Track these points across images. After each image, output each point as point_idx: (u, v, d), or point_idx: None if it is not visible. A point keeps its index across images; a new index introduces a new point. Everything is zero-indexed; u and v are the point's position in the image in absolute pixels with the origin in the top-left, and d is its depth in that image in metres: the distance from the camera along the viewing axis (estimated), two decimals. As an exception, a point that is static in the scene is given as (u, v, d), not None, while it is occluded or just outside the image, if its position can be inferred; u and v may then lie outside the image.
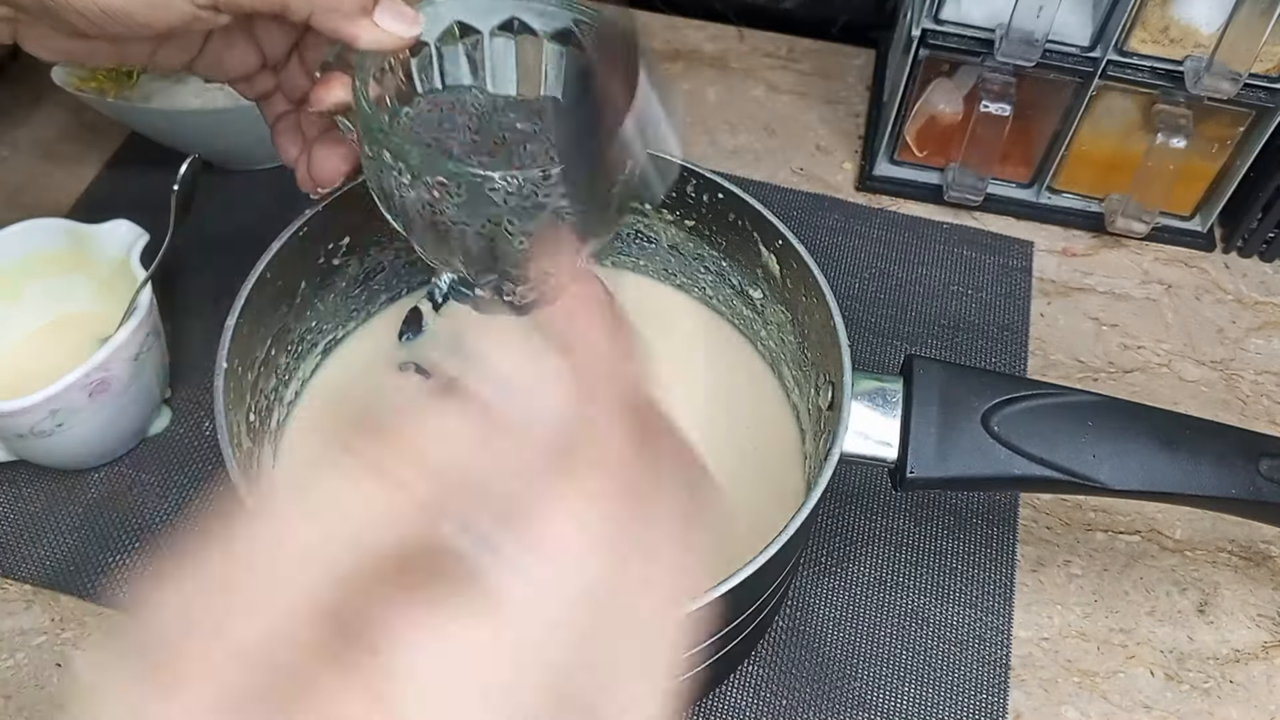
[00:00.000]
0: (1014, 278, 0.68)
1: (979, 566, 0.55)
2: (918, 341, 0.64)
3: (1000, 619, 0.53)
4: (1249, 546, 0.56)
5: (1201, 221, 0.70)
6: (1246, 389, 0.63)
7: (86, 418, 0.52)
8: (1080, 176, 0.69)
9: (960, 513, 0.57)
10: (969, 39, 0.63)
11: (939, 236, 0.70)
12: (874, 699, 0.50)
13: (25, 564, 0.53)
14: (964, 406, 0.45)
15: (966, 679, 0.51)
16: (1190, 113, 0.63)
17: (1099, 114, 0.66)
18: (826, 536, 0.55)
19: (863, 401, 0.45)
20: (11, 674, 0.50)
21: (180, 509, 0.55)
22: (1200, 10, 0.60)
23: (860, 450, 0.45)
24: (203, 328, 0.61)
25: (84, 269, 0.58)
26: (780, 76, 0.79)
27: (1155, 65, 0.62)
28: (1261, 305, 0.67)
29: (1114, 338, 0.65)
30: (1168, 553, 0.56)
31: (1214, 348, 0.65)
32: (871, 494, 0.57)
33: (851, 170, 0.73)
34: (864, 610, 0.53)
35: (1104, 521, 0.57)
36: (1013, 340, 0.64)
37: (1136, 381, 0.63)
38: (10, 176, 0.70)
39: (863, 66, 0.80)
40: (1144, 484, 0.45)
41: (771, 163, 0.73)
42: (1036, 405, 0.45)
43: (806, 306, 0.50)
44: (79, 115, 0.73)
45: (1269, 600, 0.55)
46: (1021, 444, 0.44)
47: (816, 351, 0.50)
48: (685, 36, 0.81)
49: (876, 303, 0.66)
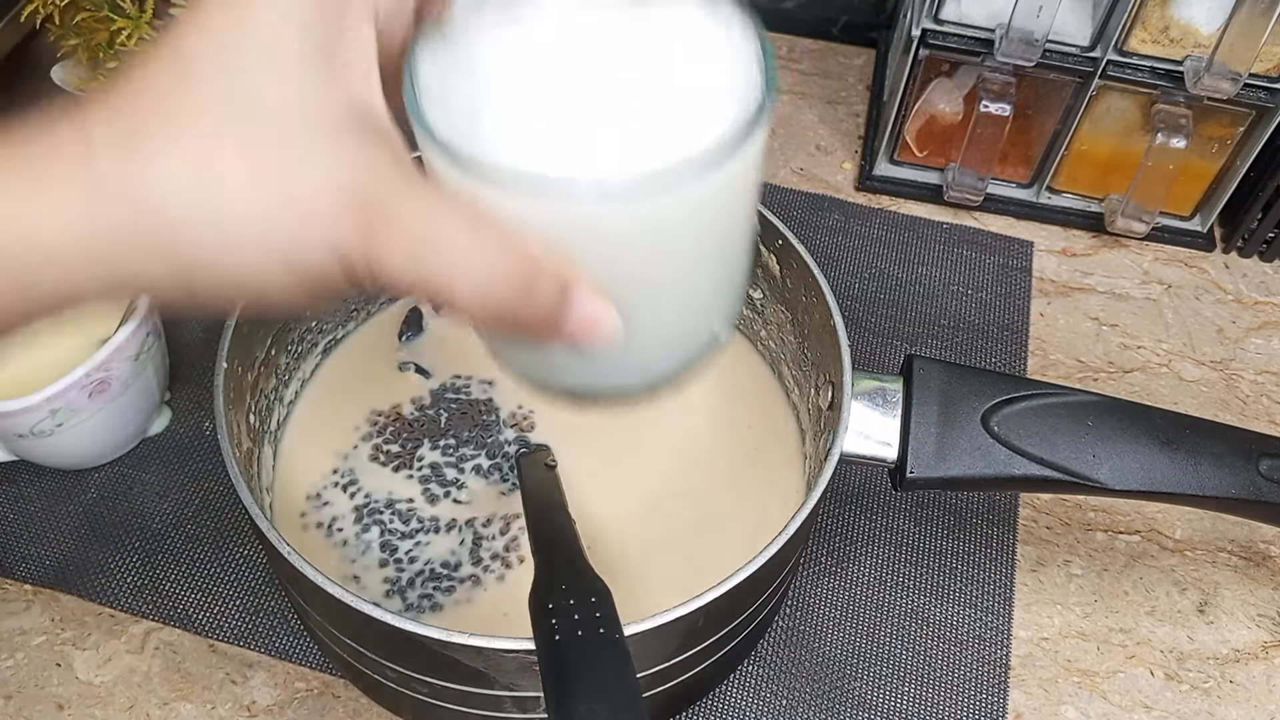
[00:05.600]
0: (1014, 278, 0.68)
1: (979, 566, 0.55)
2: (918, 341, 0.64)
3: (1000, 619, 0.53)
4: (1249, 546, 0.56)
5: (1201, 221, 0.70)
6: (1246, 389, 0.63)
7: (86, 418, 0.52)
8: (1080, 176, 0.69)
9: (960, 513, 0.57)
10: (969, 39, 0.63)
11: (939, 236, 0.70)
12: (874, 699, 0.50)
13: (25, 564, 0.53)
14: (964, 406, 0.45)
15: (966, 679, 0.51)
16: (1190, 113, 0.63)
17: (1099, 114, 0.66)
18: (826, 536, 0.56)
19: (863, 401, 0.45)
20: (11, 674, 0.50)
21: (180, 509, 0.55)
22: (1200, 10, 0.60)
23: (860, 450, 0.45)
24: (202, 328, 0.61)
25: (84, 269, 0.58)
26: (780, 76, 0.79)
27: (1155, 65, 0.62)
28: (1261, 305, 0.67)
29: (1114, 338, 0.65)
30: (1168, 553, 0.56)
31: (1214, 347, 0.65)
32: (871, 494, 0.57)
33: (851, 170, 0.73)
34: (864, 610, 0.53)
35: (1104, 521, 0.57)
36: (1013, 340, 0.64)
37: (1136, 381, 0.63)
38: (10, 176, 0.70)
39: (863, 66, 0.80)
40: (1144, 484, 0.45)
41: (771, 163, 0.73)
42: (1036, 405, 0.45)
43: (806, 306, 0.50)
44: (79, 115, 0.73)
45: (1269, 600, 0.55)
46: (1021, 444, 0.44)
47: (816, 351, 0.50)
48: (685, 36, 0.81)
49: (876, 303, 0.66)
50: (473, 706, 0.43)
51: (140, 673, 0.50)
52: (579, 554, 0.39)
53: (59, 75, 0.65)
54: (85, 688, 0.49)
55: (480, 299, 0.26)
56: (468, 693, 0.42)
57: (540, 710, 0.43)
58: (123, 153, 0.25)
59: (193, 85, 0.25)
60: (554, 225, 0.26)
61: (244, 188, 0.25)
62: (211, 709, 0.49)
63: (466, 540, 0.50)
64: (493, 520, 0.51)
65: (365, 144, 0.26)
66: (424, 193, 0.26)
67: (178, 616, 0.52)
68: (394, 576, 0.49)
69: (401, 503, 0.52)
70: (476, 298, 0.26)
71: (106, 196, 0.25)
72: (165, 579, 0.53)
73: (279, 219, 0.25)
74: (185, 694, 0.49)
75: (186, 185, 0.25)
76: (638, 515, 0.51)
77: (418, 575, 0.49)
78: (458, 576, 0.49)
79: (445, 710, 0.44)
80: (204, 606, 0.52)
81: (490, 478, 0.52)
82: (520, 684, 0.41)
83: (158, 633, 0.51)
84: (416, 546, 0.50)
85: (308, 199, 0.25)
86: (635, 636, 0.37)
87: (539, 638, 0.35)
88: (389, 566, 0.50)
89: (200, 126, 0.25)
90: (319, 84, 0.26)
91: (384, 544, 0.50)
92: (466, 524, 0.51)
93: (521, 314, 0.27)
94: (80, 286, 0.26)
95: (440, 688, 0.42)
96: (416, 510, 0.51)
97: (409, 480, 0.52)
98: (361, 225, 0.25)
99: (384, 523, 0.51)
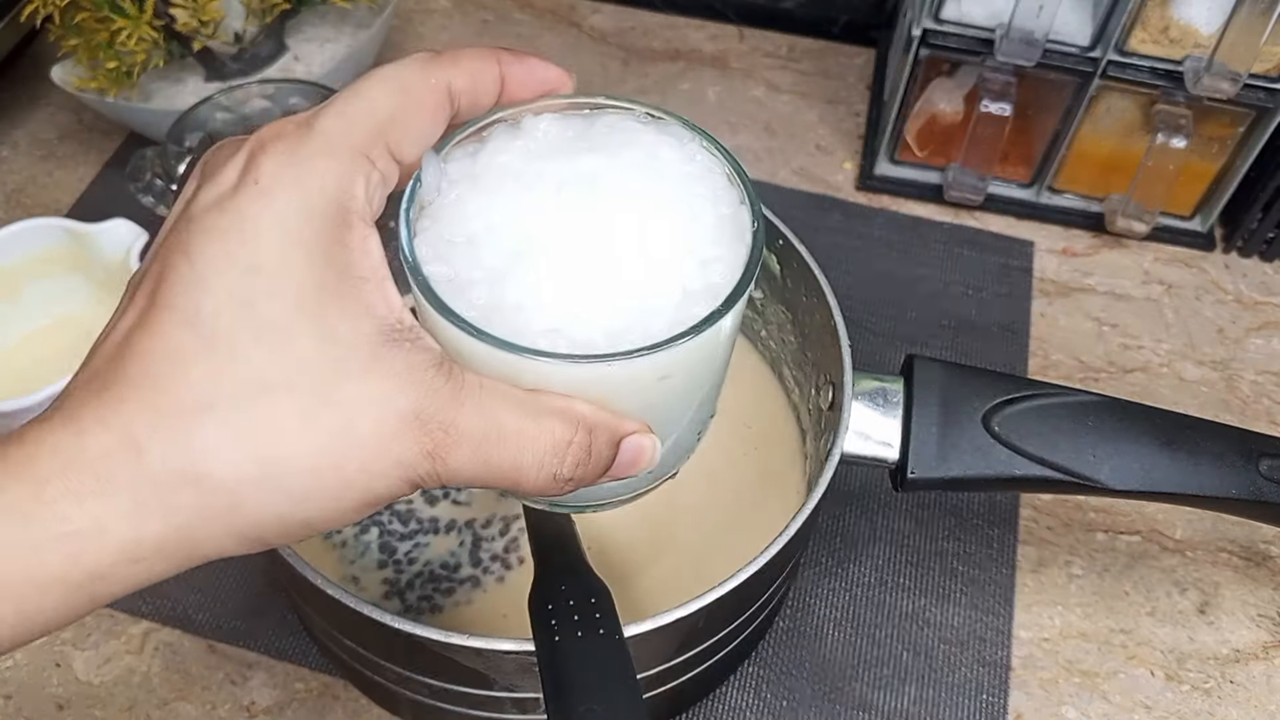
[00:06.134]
0: (1014, 278, 0.68)
1: (980, 567, 0.55)
2: (918, 341, 0.64)
3: (1001, 619, 0.53)
4: (1249, 546, 0.56)
5: (1201, 221, 0.70)
6: (1246, 389, 0.63)
7: (86, 418, 0.52)
8: (1080, 176, 0.69)
9: (961, 513, 0.57)
10: (969, 39, 0.63)
11: (939, 236, 0.69)
12: (874, 699, 0.50)
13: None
14: (965, 406, 0.45)
15: (967, 679, 0.51)
16: (1190, 113, 0.63)
17: (1099, 114, 0.66)
18: (827, 537, 0.55)
19: (863, 401, 0.45)
20: (11, 674, 0.50)
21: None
22: (1200, 10, 0.60)
23: (861, 450, 0.45)
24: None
25: (83, 269, 0.58)
26: (780, 76, 0.79)
27: (1155, 65, 0.62)
28: (1261, 305, 0.67)
29: (1114, 338, 0.65)
30: (1168, 553, 0.56)
31: (1214, 348, 0.65)
32: (872, 494, 0.57)
33: (852, 170, 0.73)
34: (864, 611, 0.53)
35: (1104, 522, 0.57)
36: (1013, 340, 0.64)
37: (1136, 381, 0.63)
38: (10, 176, 0.70)
39: (863, 66, 0.80)
40: (1144, 484, 0.44)
41: (771, 163, 0.73)
42: (1037, 405, 0.45)
43: (807, 306, 0.50)
44: (79, 115, 0.73)
45: (1269, 600, 0.55)
46: (1022, 444, 0.44)
47: (817, 351, 0.50)
48: (685, 36, 0.81)
49: (877, 303, 0.66)
50: (472, 707, 0.43)
51: (140, 673, 0.50)
52: (579, 554, 0.39)
53: (59, 75, 0.65)
54: (85, 688, 0.49)
55: (549, 477, 0.28)
56: (467, 693, 0.42)
57: (540, 711, 0.43)
58: (177, 445, 0.24)
59: (227, 357, 0.25)
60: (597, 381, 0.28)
61: (302, 444, 0.25)
62: (211, 709, 0.49)
63: (466, 541, 0.50)
64: (492, 521, 0.51)
65: (406, 358, 0.26)
66: (475, 392, 0.26)
67: (177, 617, 0.52)
68: (393, 578, 0.49)
69: (400, 503, 0.51)
70: (546, 478, 0.28)
71: (168, 492, 0.24)
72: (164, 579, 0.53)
73: (345, 463, 0.25)
74: (185, 694, 0.49)
75: (247, 457, 0.25)
76: (638, 516, 0.51)
77: (416, 577, 0.49)
78: (457, 578, 0.49)
79: (445, 711, 0.44)
80: (203, 607, 0.52)
81: (490, 478, 0.52)
82: (520, 684, 0.41)
83: (157, 633, 0.51)
84: (416, 548, 0.50)
85: (372, 436, 0.25)
86: (635, 637, 0.37)
87: (538, 638, 0.35)
88: (388, 568, 0.50)
89: (246, 398, 0.24)
90: (344, 312, 0.25)
91: (383, 545, 0.50)
92: (466, 525, 0.51)
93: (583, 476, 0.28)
94: (147, 579, 0.26)
95: (440, 688, 0.42)
96: (415, 511, 0.51)
97: (409, 480, 0.52)
98: (426, 444, 0.26)
99: (383, 524, 0.51)
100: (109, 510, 0.24)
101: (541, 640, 0.35)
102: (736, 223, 0.30)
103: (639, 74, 0.78)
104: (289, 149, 0.26)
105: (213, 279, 0.25)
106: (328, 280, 0.25)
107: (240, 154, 0.26)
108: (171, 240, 0.26)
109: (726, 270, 0.29)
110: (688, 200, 0.30)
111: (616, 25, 0.82)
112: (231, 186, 0.26)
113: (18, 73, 0.75)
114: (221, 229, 0.25)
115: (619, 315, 0.28)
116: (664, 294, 0.28)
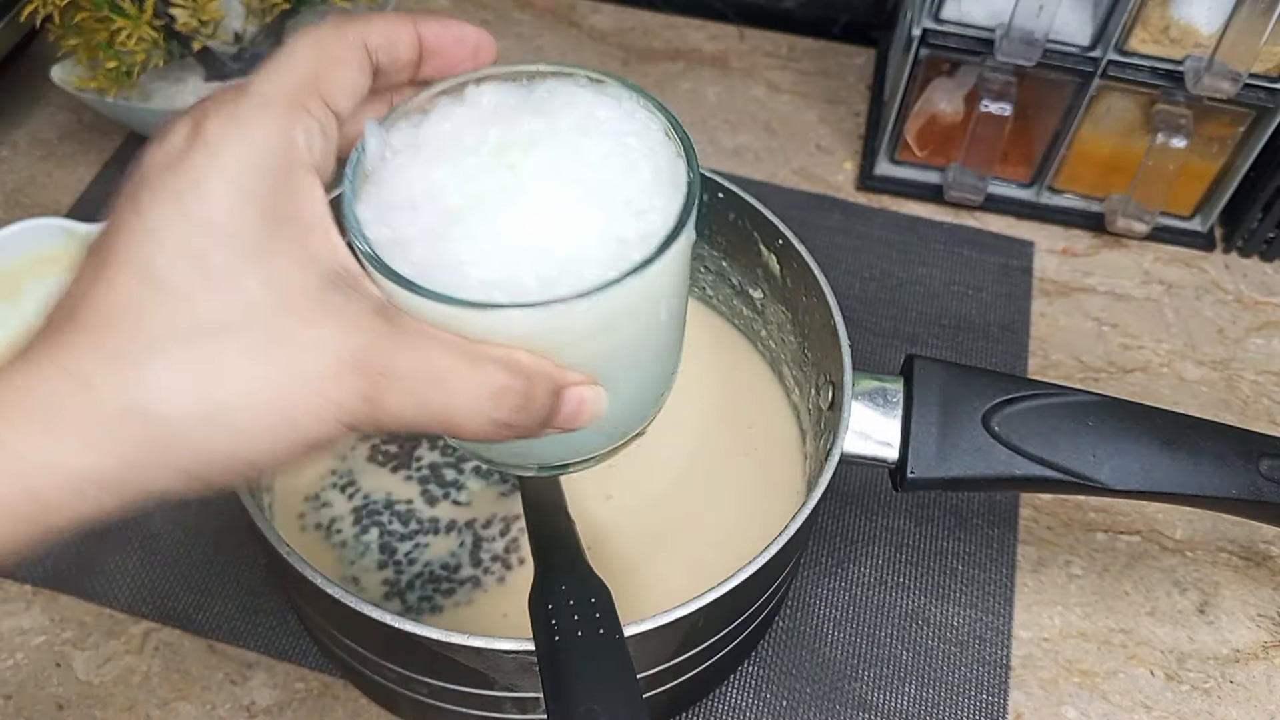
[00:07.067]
0: (1014, 278, 0.68)
1: (980, 567, 0.55)
2: (918, 341, 0.64)
3: (1001, 619, 0.53)
4: (1249, 546, 0.56)
5: (1202, 221, 0.70)
6: (1246, 389, 0.63)
7: (86, 418, 0.52)
8: (1080, 176, 0.69)
9: (961, 513, 0.57)
10: (969, 38, 0.63)
11: (939, 236, 0.69)
12: (874, 699, 0.50)
13: (25, 564, 0.53)
14: (964, 406, 0.45)
15: (967, 679, 0.51)
16: (1190, 113, 0.63)
17: (1099, 114, 0.66)
18: (827, 537, 0.55)
19: (863, 401, 0.45)
20: (11, 674, 0.50)
21: (179, 509, 0.55)
22: (1200, 10, 0.60)
23: (861, 450, 0.45)
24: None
25: (84, 269, 0.57)
26: (780, 76, 0.79)
27: (1155, 65, 0.62)
28: (1262, 305, 0.67)
29: (1114, 338, 0.65)
30: (1168, 553, 0.56)
31: (1214, 348, 0.65)
32: (872, 494, 0.57)
33: (852, 170, 0.73)
34: (864, 610, 0.53)
35: (1104, 521, 0.57)
36: (1013, 340, 0.64)
37: (1136, 381, 0.63)
38: (10, 176, 0.70)
39: (863, 66, 0.80)
40: (1144, 484, 0.44)
41: (771, 162, 0.73)
42: (1037, 405, 0.45)
43: (807, 306, 0.50)
44: (79, 115, 0.73)
45: (1269, 600, 0.55)
46: (1022, 444, 0.44)
47: (817, 351, 0.50)
48: (685, 36, 0.81)
49: (877, 303, 0.66)
50: (472, 707, 0.43)
51: (140, 673, 0.50)
52: (579, 554, 0.39)
53: (59, 75, 0.65)
54: (85, 688, 0.49)
55: (486, 421, 0.28)
56: (467, 693, 0.42)
57: (540, 710, 0.43)
58: (126, 382, 0.25)
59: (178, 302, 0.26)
60: (536, 331, 0.28)
61: (248, 382, 0.26)
62: (211, 709, 0.49)
63: (467, 542, 0.50)
64: (493, 521, 0.51)
65: (347, 303, 0.27)
66: (413, 337, 0.27)
67: (177, 616, 0.52)
68: (393, 578, 0.49)
69: (400, 504, 0.52)
70: (482, 422, 0.28)
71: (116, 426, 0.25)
72: (164, 579, 0.53)
73: (288, 403, 0.26)
74: (185, 694, 0.49)
75: (193, 394, 0.25)
76: (637, 516, 0.51)
77: (416, 577, 0.49)
78: (458, 578, 0.49)
79: (445, 711, 0.44)
80: (203, 607, 0.52)
81: (490, 478, 0.52)
82: (520, 684, 0.41)
83: (157, 633, 0.51)
84: (416, 548, 0.50)
85: (314, 377, 0.26)
86: (635, 636, 0.37)
87: (538, 638, 0.35)
88: (388, 568, 0.50)
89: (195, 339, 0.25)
90: (290, 258, 0.27)
91: (383, 545, 0.50)
92: (466, 525, 0.51)
93: (522, 422, 0.29)
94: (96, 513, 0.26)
95: (440, 688, 0.42)
96: (415, 511, 0.51)
97: (408, 481, 0.52)
98: (364, 388, 0.26)
99: (383, 524, 0.51)
100: (57, 444, 0.25)
101: (541, 640, 0.35)
102: (673, 174, 0.31)
103: (639, 74, 0.78)
104: (231, 112, 0.27)
105: (165, 233, 0.26)
106: (275, 228, 0.27)
107: (185, 121, 0.28)
108: (125, 201, 0.27)
109: (661, 219, 0.29)
110: (623, 153, 0.30)
111: (616, 25, 0.82)
112: (180, 150, 0.27)
113: (18, 73, 0.75)
114: (173, 187, 0.26)
115: (552, 264, 0.28)
116: (599, 243, 0.29)
